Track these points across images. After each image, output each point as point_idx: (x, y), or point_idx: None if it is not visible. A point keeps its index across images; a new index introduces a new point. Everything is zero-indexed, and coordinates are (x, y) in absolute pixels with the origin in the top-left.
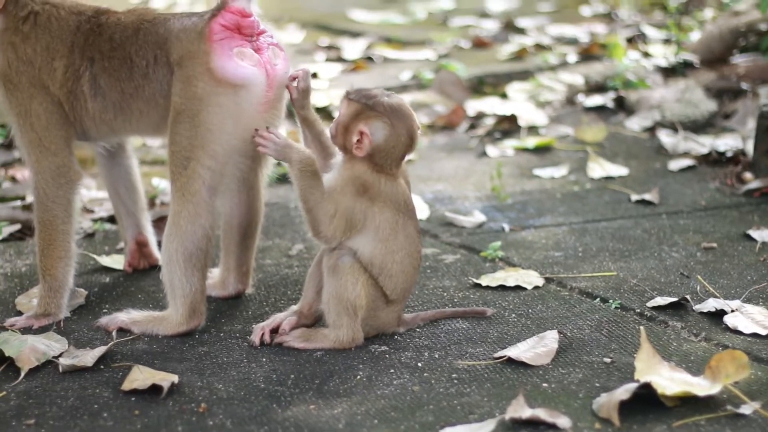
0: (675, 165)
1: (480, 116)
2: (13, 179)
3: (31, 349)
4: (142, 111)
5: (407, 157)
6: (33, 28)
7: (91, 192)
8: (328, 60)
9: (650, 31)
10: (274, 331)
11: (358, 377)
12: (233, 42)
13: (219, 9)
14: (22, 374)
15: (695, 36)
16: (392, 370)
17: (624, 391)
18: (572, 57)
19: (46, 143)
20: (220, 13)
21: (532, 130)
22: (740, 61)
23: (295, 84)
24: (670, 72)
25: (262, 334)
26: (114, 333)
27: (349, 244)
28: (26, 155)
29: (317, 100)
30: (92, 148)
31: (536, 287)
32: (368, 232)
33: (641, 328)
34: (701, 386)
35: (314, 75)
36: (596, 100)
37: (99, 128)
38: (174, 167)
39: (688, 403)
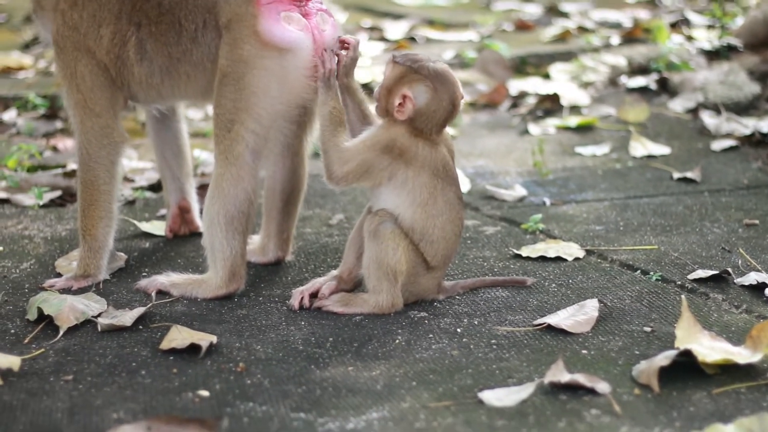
0: (717, 145)
1: (522, 95)
2: (55, 149)
3: (70, 308)
4: (190, 75)
5: (449, 124)
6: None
7: (132, 162)
8: (370, 39)
9: (694, 17)
10: (314, 295)
11: (397, 341)
12: (281, 6)
13: None
14: (61, 332)
15: (739, 22)
16: (431, 335)
17: (664, 358)
18: (615, 39)
19: (91, 104)
20: None
21: (575, 109)
22: None
23: (344, 53)
24: (713, 55)
25: (302, 298)
26: (153, 295)
27: (389, 210)
28: (72, 116)
29: (360, 76)
30: (143, 112)
31: (576, 259)
32: (404, 196)
33: (682, 296)
34: (742, 355)
35: None
36: (639, 81)
37: (147, 93)
38: (218, 130)
39: (729, 371)
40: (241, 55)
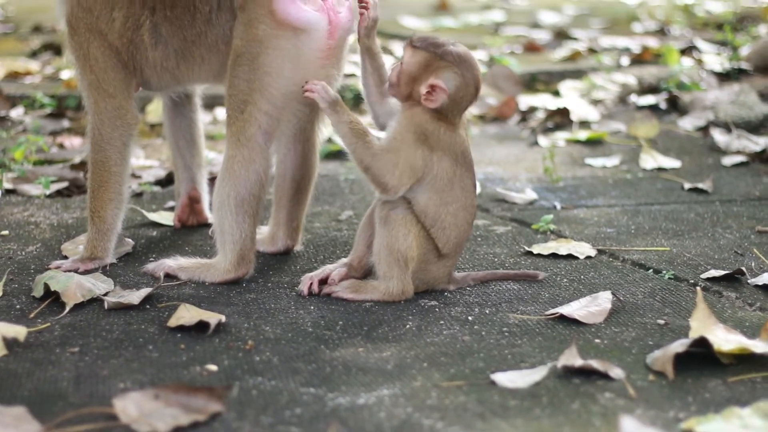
0: (728, 161)
1: (532, 110)
2: (61, 146)
3: (77, 285)
4: (204, 57)
5: (471, 107)
6: None
7: (140, 160)
8: None
9: (703, 45)
10: (323, 282)
11: (408, 326)
12: None
13: None
14: (67, 308)
15: (746, 51)
16: (442, 322)
17: (679, 345)
18: (625, 61)
19: (105, 85)
20: None
21: (584, 124)
22: None
23: (365, 13)
24: (724, 77)
25: (311, 283)
26: (161, 276)
27: (403, 194)
28: (86, 98)
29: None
30: (159, 98)
31: (588, 257)
32: (425, 181)
33: (697, 288)
34: (758, 346)
35: None
36: (649, 99)
37: (161, 77)
38: (231, 111)
39: (744, 361)
40: (256, 34)
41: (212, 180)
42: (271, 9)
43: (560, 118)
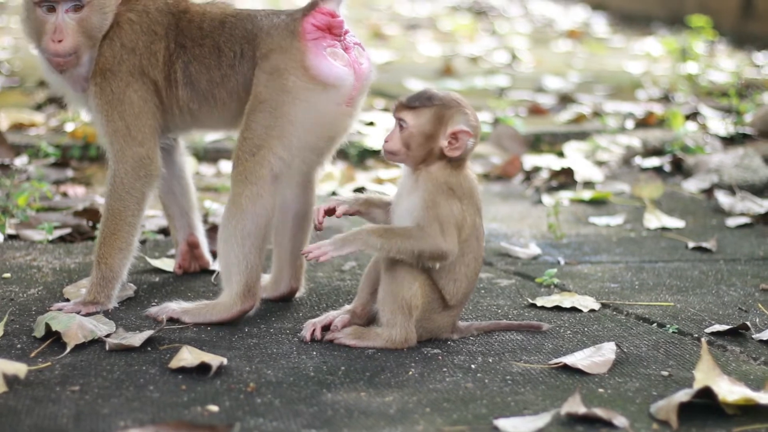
0: (732, 222)
1: (536, 170)
2: (65, 194)
3: (78, 326)
4: (225, 102)
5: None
6: (137, 15)
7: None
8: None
9: (707, 111)
10: (326, 328)
11: (410, 373)
12: (325, 41)
13: (310, 9)
14: (68, 348)
15: (752, 116)
16: (445, 369)
17: (684, 394)
18: (630, 124)
19: (134, 132)
20: (312, 13)
21: (588, 185)
22: None
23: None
24: (728, 141)
25: (314, 330)
26: (164, 321)
27: None
28: (110, 145)
29: (373, 143)
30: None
31: (592, 310)
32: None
33: (702, 340)
34: (763, 397)
35: (371, 123)
36: (653, 161)
37: (183, 118)
38: (241, 153)
39: (749, 412)
40: (284, 85)
41: (212, 229)
42: (303, 64)
43: (564, 178)
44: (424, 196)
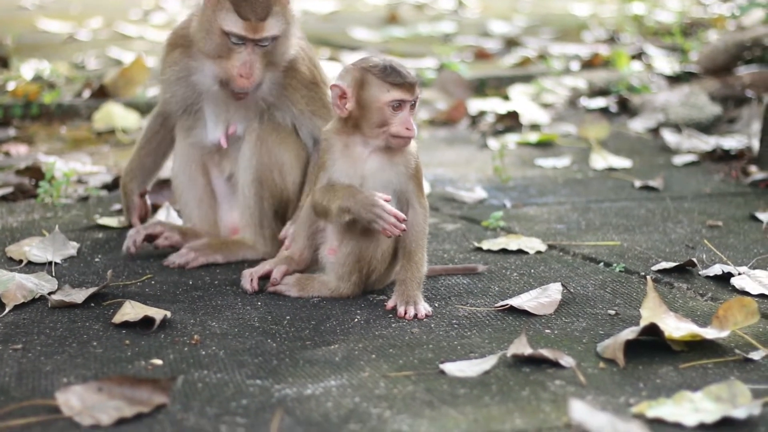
0: (679, 160)
1: (481, 114)
2: (7, 154)
3: (17, 286)
4: None
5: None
6: None
7: (87, 166)
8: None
9: (653, 50)
10: (265, 278)
11: (356, 320)
12: None
13: None
14: (7, 309)
15: (697, 54)
16: (390, 316)
17: (630, 332)
18: (575, 66)
19: None
20: None
21: (534, 128)
22: (745, 72)
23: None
24: (674, 80)
25: (251, 279)
26: (109, 275)
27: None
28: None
29: None
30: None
31: (538, 252)
32: None
33: (648, 278)
34: (709, 332)
35: None
36: (599, 102)
37: None
38: None
39: (695, 348)
40: None
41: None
42: None
43: (510, 122)
44: (415, 171)
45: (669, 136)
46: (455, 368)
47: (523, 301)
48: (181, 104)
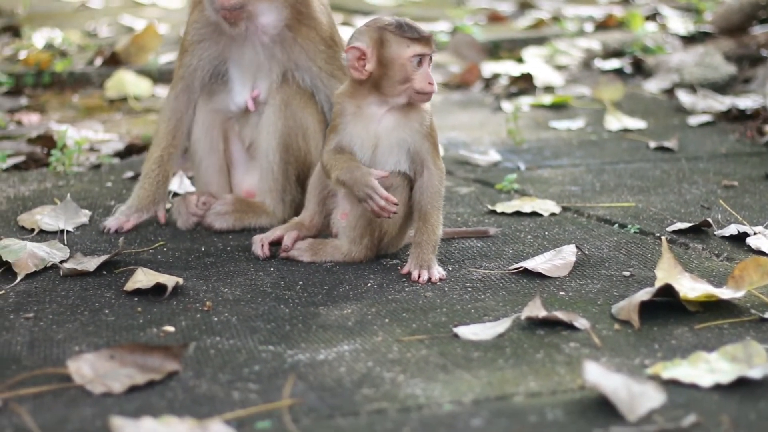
0: (694, 120)
1: (495, 77)
2: (19, 122)
3: (29, 255)
4: None
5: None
6: None
7: (99, 134)
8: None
9: (667, 11)
10: (275, 243)
11: (369, 284)
12: None
13: None
14: (19, 278)
15: (712, 14)
16: (404, 280)
17: (644, 293)
18: (589, 27)
19: None
20: None
21: (548, 90)
22: (760, 31)
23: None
24: (688, 40)
25: (262, 245)
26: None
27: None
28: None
29: None
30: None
31: (553, 214)
32: None
33: (663, 238)
34: (724, 292)
35: None
36: (613, 63)
37: None
38: None
39: (711, 308)
40: None
41: None
42: None
43: (524, 84)
44: (430, 130)
45: (684, 97)
46: (469, 331)
47: (537, 263)
48: (207, 67)
